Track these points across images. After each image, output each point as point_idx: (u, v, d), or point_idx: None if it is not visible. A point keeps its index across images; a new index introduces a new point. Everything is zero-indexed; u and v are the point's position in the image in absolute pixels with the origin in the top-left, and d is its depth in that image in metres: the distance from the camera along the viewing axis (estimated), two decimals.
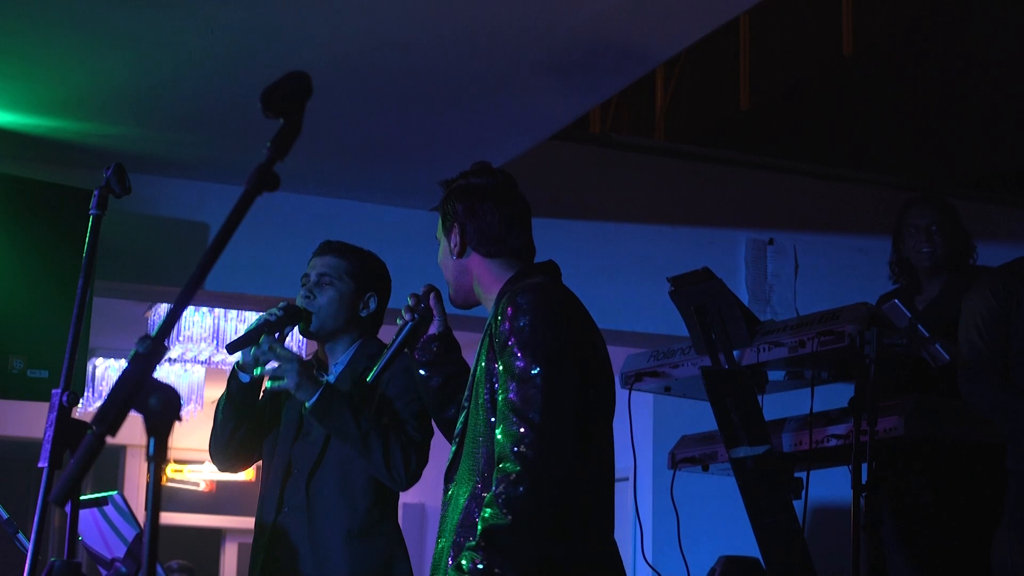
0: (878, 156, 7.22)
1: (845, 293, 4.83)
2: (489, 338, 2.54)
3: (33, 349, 4.66)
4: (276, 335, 3.32)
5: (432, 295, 2.89)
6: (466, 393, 2.63)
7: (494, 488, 2.37)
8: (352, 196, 5.69)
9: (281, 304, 3.37)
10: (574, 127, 5.58)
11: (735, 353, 3.88)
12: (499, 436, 2.42)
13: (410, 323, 2.88)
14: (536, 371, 2.43)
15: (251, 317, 7.14)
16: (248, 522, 12.18)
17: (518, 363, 2.45)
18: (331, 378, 3.41)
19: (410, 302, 2.90)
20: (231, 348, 3.28)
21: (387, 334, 3.52)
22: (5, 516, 3.64)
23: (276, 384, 3.27)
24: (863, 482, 3.35)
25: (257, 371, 3.30)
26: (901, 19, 7.17)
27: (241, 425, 3.40)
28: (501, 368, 2.48)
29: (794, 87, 7.17)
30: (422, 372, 2.90)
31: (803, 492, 3.71)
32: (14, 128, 4.91)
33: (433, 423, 3.12)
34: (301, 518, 3.32)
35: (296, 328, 3.40)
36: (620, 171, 6.12)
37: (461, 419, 2.62)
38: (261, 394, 3.47)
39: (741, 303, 4.03)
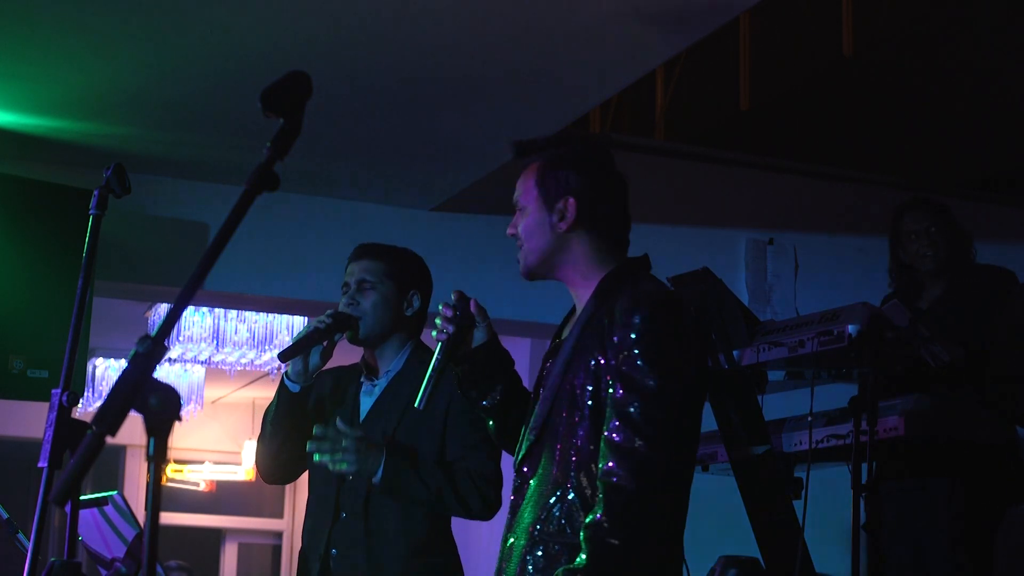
0: (878, 156, 7.21)
1: (845, 293, 4.83)
2: (600, 335, 2.43)
3: (33, 349, 4.66)
4: (324, 343, 3.29)
5: (473, 301, 2.64)
6: (549, 385, 2.50)
7: (603, 508, 2.30)
8: (352, 196, 5.69)
9: (328, 312, 3.33)
10: (574, 127, 5.58)
11: (735, 353, 3.88)
12: (611, 450, 2.34)
13: (448, 335, 2.61)
14: (662, 391, 2.36)
15: (251, 317, 7.17)
16: (248, 522, 12.10)
17: (643, 378, 2.36)
18: (383, 383, 3.38)
19: (443, 311, 2.63)
20: (283, 356, 3.25)
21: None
22: (5, 516, 3.64)
23: (337, 468, 3.17)
24: (863, 482, 3.35)
25: (316, 457, 3.19)
26: (901, 19, 7.16)
27: (291, 437, 3.34)
28: (618, 375, 2.38)
29: (794, 87, 7.16)
30: (473, 393, 2.67)
31: (803, 492, 3.71)
32: (14, 128, 4.91)
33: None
34: (358, 528, 3.26)
35: (346, 337, 3.35)
36: (620, 171, 6.11)
37: (537, 413, 2.51)
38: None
39: (741, 303, 4.02)
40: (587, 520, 2.32)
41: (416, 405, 2.67)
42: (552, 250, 2.58)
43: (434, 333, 2.64)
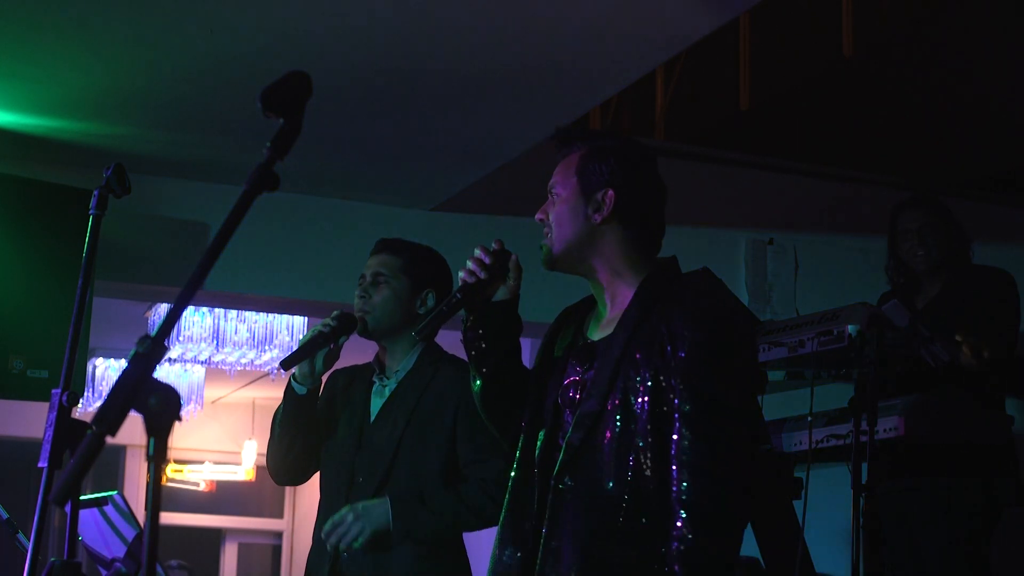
0: (878, 156, 7.20)
1: (845, 293, 4.82)
2: (658, 347, 2.39)
3: (33, 349, 4.65)
4: (331, 345, 3.29)
5: (514, 256, 2.58)
6: (594, 393, 2.44)
7: (691, 530, 2.30)
8: (352, 196, 5.69)
9: (335, 313, 3.33)
10: (574, 127, 5.57)
11: None
12: (689, 467, 2.33)
13: (476, 280, 2.55)
14: (731, 404, 2.37)
15: (251, 317, 7.17)
16: (248, 522, 12.10)
17: (713, 393, 2.35)
18: (392, 384, 3.38)
19: (479, 255, 2.57)
20: (285, 365, 3.23)
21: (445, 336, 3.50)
22: (5, 516, 3.64)
23: (357, 547, 3.20)
24: (863, 482, 3.36)
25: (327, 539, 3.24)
26: (901, 19, 7.15)
27: (298, 438, 3.34)
28: (685, 389, 2.35)
29: (794, 87, 7.15)
30: (475, 346, 2.59)
31: (803, 492, 3.71)
32: (14, 128, 4.90)
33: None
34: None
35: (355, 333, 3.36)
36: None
37: (583, 423, 2.44)
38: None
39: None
40: (678, 545, 2.31)
41: (413, 333, 2.67)
42: (582, 240, 2.52)
43: (460, 273, 2.59)
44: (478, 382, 2.64)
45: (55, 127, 4.90)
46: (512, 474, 2.57)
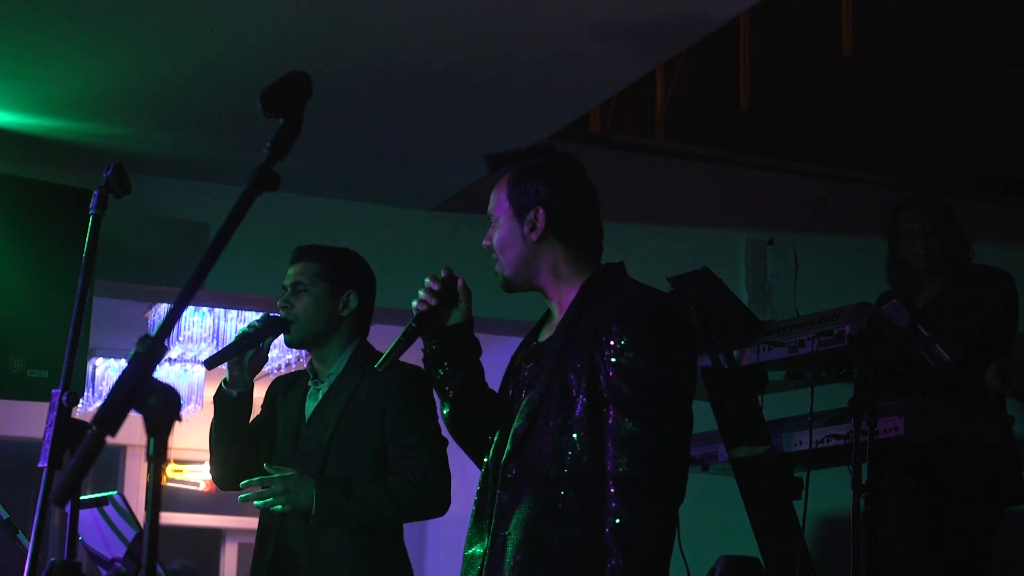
0: (878, 156, 7.20)
1: (845, 293, 4.83)
2: (594, 334, 2.48)
3: (33, 349, 4.65)
4: (259, 346, 3.33)
5: (460, 280, 2.67)
6: (537, 384, 2.54)
7: (623, 505, 2.38)
8: (352, 196, 5.69)
9: (259, 316, 3.38)
10: (574, 127, 5.57)
11: (735, 353, 3.88)
12: (617, 443, 2.41)
13: (428, 307, 2.63)
14: (659, 382, 2.44)
15: (251, 317, 7.16)
16: (249, 522, 12.10)
17: (640, 371, 2.43)
18: (325, 386, 3.40)
19: (429, 283, 2.65)
20: (209, 364, 3.26)
21: (378, 333, 3.52)
22: (5, 516, 3.64)
23: (274, 510, 3.26)
24: (863, 482, 3.36)
25: (244, 497, 3.27)
26: (901, 19, 7.16)
27: (236, 441, 3.37)
28: (616, 370, 2.44)
29: (794, 87, 7.15)
30: (436, 372, 2.67)
31: (803, 492, 3.71)
32: (14, 128, 4.90)
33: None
34: (302, 530, 3.29)
35: (282, 338, 3.40)
36: (620, 171, 6.11)
37: (525, 412, 2.54)
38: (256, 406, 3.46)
39: (741, 303, 4.03)
40: (611, 522, 2.38)
41: (376, 366, 2.69)
42: (526, 260, 2.63)
43: (414, 303, 2.66)
44: (446, 407, 2.73)
45: (55, 127, 4.90)
46: (480, 478, 2.64)
